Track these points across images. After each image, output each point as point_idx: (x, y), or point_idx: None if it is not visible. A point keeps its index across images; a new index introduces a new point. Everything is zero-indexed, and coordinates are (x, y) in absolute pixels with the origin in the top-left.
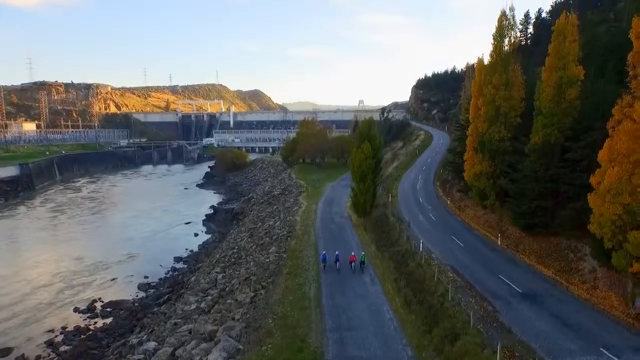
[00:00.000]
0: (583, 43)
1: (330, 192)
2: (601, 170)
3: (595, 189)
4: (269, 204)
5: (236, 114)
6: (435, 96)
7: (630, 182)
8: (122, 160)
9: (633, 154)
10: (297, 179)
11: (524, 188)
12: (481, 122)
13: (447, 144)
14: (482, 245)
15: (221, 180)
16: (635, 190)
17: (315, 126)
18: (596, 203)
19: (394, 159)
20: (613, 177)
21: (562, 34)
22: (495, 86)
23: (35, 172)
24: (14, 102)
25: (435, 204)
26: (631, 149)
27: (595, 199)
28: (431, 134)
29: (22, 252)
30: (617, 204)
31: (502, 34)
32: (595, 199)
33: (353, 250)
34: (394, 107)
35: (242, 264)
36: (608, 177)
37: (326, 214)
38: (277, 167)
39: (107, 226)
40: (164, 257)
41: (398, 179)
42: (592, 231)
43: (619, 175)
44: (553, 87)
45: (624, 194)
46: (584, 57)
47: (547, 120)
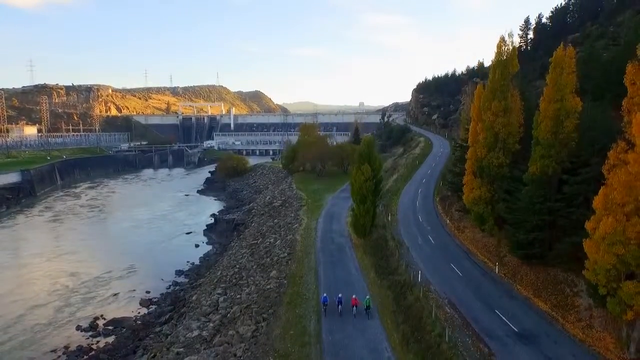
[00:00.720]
0: (582, 61)
1: (330, 206)
2: (596, 217)
3: (590, 235)
4: (270, 216)
5: (237, 116)
6: (435, 100)
7: (624, 233)
8: (123, 164)
9: (627, 205)
10: (298, 189)
11: (521, 219)
12: (480, 147)
13: (447, 153)
14: (480, 274)
15: (222, 186)
16: (630, 241)
17: (316, 132)
18: (591, 250)
19: (394, 169)
20: (607, 227)
21: (560, 65)
22: (494, 112)
23: (37, 178)
24: (16, 105)
25: (434, 223)
26: (625, 200)
27: (590, 246)
28: (431, 141)
29: (22, 267)
30: (611, 253)
31: (501, 60)
32: (590, 246)
33: (354, 285)
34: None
35: (243, 286)
36: (603, 226)
37: (326, 233)
38: (277, 174)
39: (108, 237)
40: (165, 270)
41: (398, 194)
42: (587, 277)
43: (613, 226)
44: (551, 119)
45: (618, 244)
46: (583, 77)
47: (544, 152)
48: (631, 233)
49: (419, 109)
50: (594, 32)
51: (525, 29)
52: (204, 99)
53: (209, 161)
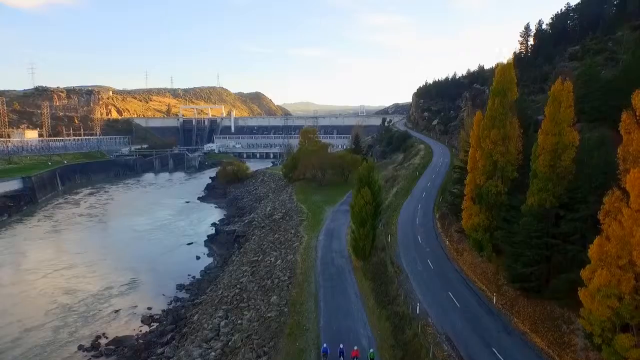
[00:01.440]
0: (581, 81)
1: (331, 221)
2: (591, 267)
3: (586, 284)
4: (271, 230)
5: (237, 118)
6: (436, 105)
7: (618, 287)
8: (124, 168)
9: (621, 258)
10: (298, 201)
11: (518, 252)
12: (479, 174)
13: (447, 163)
14: (478, 305)
15: (222, 192)
16: (624, 295)
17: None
18: (586, 299)
19: (394, 181)
20: (602, 280)
21: (558, 99)
22: (492, 141)
23: (38, 185)
24: (17, 109)
25: (433, 245)
26: (619, 254)
27: (586, 295)
28: (432, 148)
29: (19, 283)
30: (606, 306)
31: (501, 89)
32: (586, 295)
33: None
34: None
35: (244, 310)
36: (598, 278)
37: (326, 253)
38: (277, 182)
39: (108, 249)
40: (166, 284)
41: (397, 210)
42: (582, 324)
43: (608, 279)
44: (548, 152)
45: (613, 297)
46: (582, 97)
47: (542, 185)
48: (625, 288)
49: (419, 113)
50: (593, 46)
51: (526, 35)
52: (205, 101)
53: (210, 165)
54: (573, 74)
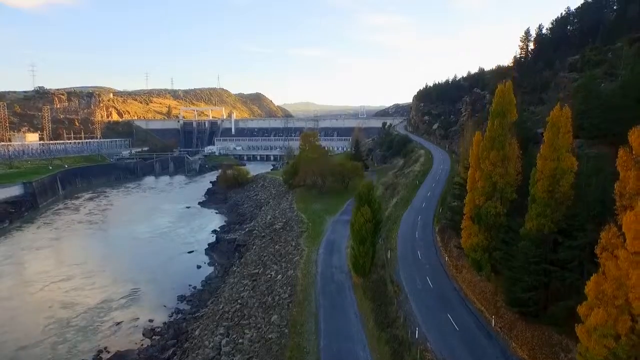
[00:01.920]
0: (581, 98)
1: (331, 233)
2: (588, 304)
3: (583, 320)
4: (271, 240)
5: (238, 120)
6: (436, 109)
7: (615, 327)
8: (125, 171)
9: (618, 299)
10: (298, 210)
11: (516, 277)
12: (478, 195)
13: (447, 170)
14: (477, 328)
15: (223, 197)
16: (621, 335)
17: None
18: (583, 336)
19: (394, 189)
20: (599, 319)
21: (557, 125)
22: (492, 162)
23: (39, 190)
24: (18, 112)
25: (433, 261)
26: (616, 294)
27: (582, 332)
28: (432, 154)
29: (17, 295)
30: (602, 345)
31: (500, 110)
32: (582, 332)
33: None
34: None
35: (245, 328)
36: (594, 317)
37: (326, 268)
38: (278, 188)
39: (108, 259)
40: (167, 295)
41: (397, 222)
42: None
43: (604, 319)
44: (547, 178)
45: (609, 337)
46: (582, 113)
47: (540, 210)
48: (622, 328)
49: (419, 117)
50: (592, 57)
51: (526, 40)
52: (205, 102)
53: (210, 168)
54: (572, 87)
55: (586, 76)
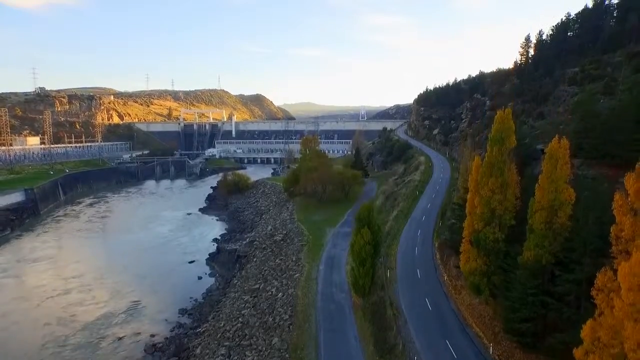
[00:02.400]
0: (579, 117)
1: (331, 247)
2: (584, 347)
3: None
4: (272, 252)
5: (238, 123)
6: (436, 113)
7: None
8: (125, 175)
9: (614, 347)
10: (299, 221)
11: (514, 307)
12: (477, 220)
13: (447, 179)
14: (475, 356)
15: (223, 203)
16: None
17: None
18: None
19: (395, 200)
20: None
21: (555, 157)
22: (491, 189)
23: (40, 196)
24: (19, 115)
25: (432, 281)
26: (611, 343)
27: None
28: (432, 162)
29: (17, 310)
30: None
31: (500, 137)
32: None
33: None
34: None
35: (245, 349)
36: None
37: (326, 286)
38: (278, 195)
39: (109, 270)
40: (168, 308)
41: (397, 237)
42: None
43: None
44: (545, 210)
45: None
46: (581, 132)
47: (538, 241)
48: None
49: (420, 122)
50: (592, 71)
51: (526, 46)
52: (206, 104)
53: (211, 171)
54: (571, 101)
55: (585, 94)
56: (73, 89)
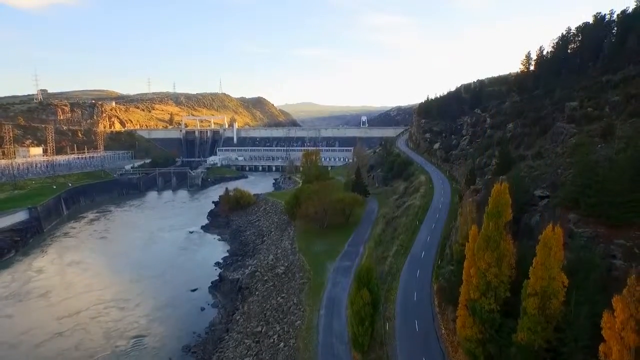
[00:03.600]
0: (577, 171)
1: (332, 286)
2: None
3: None
4: (274, 288)
5: (239, 130)
6: (437, 126)
7: None
8: (127, 187)
9: None
10: (300, 251)
11: None
12: (473, 289)
13: (448, 204)
14: None
15: (225, 221)
16: None
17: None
18: None
19: (395, 231)
20: None
21: (548, 245)
22: (487, 262)
23: (44, 214)
24: (21, 124)
25: (431, 335)
26: None
27: None
28: (433, 182)
29: (14, 345)
30: None
31: (496, 212)
32: None
33: None
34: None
35: None
36: None
37: (327, 336)
38: (280, 216)
39: (110, 302)
40: (172, 344)
41: (397, 277)
42: None
43: None
44: (538, 295)
45: None
46: (577, 186)
47: (531, 325)
48: None
49: (421, 134)
50: (590, 112)
51: (527, 63)
52: (207, 108)
53: (213, 181)
54: (570, 143)
55: (583, 135)
56: (75, 91)
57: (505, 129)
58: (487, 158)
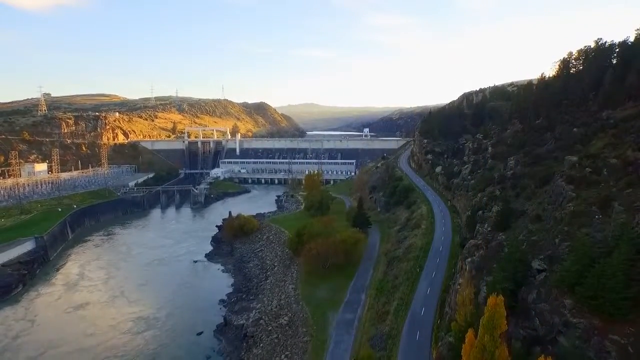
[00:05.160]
0: (573, 259)
1: (334, 346)
2: None
3: None
4: (278, 342)
5: (242, 141)
6: (439, 146)
7: None
8: (131, 206)
9: None
10: (302, 300)
11: None
12: None
13: (449, 243)
14: None
15: (229, 249)
16: None
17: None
18: None
19: (395, 280)
20: None
21: None
22: None
23: (50, 242)
24: (26, 139)
25: None
26: None
27: None
28: (434, 217)
29: None
30: None
31: (491, 325)
32: None
33: None
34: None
35: None
36: None
37: None
38: (283, 249)
39: (112, 348)
40: None
41: (397, 342)
42: None
43: None
44: None
45: None
46: (573, 272)
47: None
48: None
49: (422, 155)
50: (588, 176)
51: (530, 91)
52: (210, 115)
53: (216, 197)
54: (568, 209)
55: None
56: (78, 96)
57: (506, 163)
58: (488, 198)
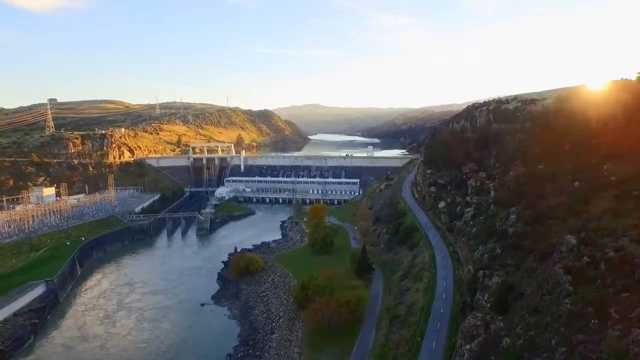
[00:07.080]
0: None
1: None
2: None
3: None
4: None
5: (247, 158)
6: (442, 177)
7: None
8: (138, 234)
9: None
10: None
11: None
12: None
13: (450, 303)
14: None
15: (235, 290)
16: None
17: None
18: None
19: (396, 351)
20: None
21: None
22: None
23: (59, 283)
24: (35, 161)
25: None
26: None
27: None
28: (436, 268)
29: None
30: None
31: None
32: None
33: None
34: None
35: None
36: None
37: None
38: (288, 298)
39: None
40: None
41: None
42: None
43: None
44: None
45: None
46: None
47: None
48: None
49: (426, 187)
50: (588, 272)
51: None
52: (214, 125)
53: (221, 222)
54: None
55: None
56: (84, 102)
57: (508, 214)
58: (489, 257)
